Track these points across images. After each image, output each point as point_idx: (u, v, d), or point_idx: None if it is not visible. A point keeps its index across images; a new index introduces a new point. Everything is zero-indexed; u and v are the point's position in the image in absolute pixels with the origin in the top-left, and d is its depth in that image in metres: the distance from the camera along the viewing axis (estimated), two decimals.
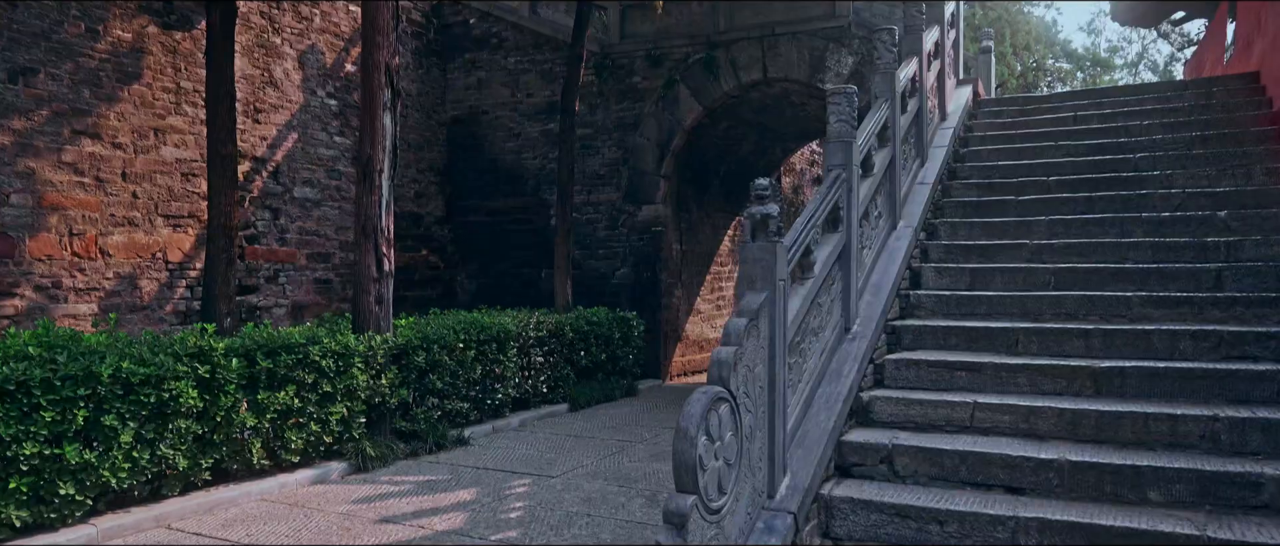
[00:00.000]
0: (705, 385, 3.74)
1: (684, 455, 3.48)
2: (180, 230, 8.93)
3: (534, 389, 8.95)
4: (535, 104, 12.62)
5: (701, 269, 13.24)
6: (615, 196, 12.08)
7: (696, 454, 3.48)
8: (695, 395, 3.61)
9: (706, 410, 3.56)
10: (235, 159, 6.17)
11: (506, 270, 12.71)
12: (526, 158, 12.66)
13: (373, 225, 7.10)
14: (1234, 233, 6.23)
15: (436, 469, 6.76)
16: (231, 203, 6.22)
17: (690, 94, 11.61)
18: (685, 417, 3.53)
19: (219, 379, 5.58)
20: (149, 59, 8.70)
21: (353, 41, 11.25)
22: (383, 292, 7.14)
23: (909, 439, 4.79)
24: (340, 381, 6.47)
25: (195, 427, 5.43)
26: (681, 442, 3.49)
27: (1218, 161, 7.22)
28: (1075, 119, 8.83)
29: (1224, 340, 5.03)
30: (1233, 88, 8.59)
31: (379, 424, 7.02)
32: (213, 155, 6.17)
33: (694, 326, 13.03)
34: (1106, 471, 4.25)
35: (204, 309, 6.41)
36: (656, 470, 6.72)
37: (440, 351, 7.46)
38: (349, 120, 11.11)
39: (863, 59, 10.64)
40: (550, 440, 7.86)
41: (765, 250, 4.21)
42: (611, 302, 11.87)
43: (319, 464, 6.47)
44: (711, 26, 11.53)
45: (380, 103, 7.15)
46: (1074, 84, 26.14)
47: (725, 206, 13.94)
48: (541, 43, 12.60)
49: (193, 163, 9.03)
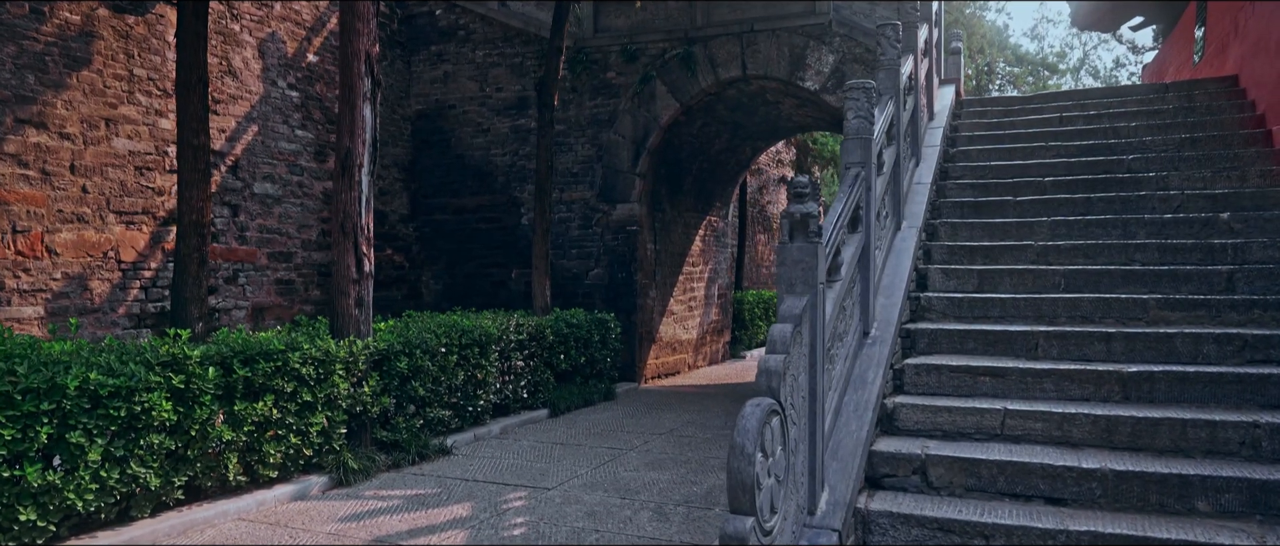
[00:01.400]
0: (757, 397, 3.48)
1: (741, 474, 3.22)
2: (134, 227, 8.34)
3: (514, 394, 8.60)
4: (504, 99, 12.22)
5: (674, 269, 13.00)
6: (589, 195, 11.76)
7: (754, 472, 3.22)
8: (748, 409, 3.34)
9: (762, 424, 3.30)
10: (207, 151, 5.70)
11: (475, 270, 12.29)
12: (495, 154, 12.25)
13: (352, 223, 6.68)
14: (1238, 235, 6.21)
15: (423, 481, 6.37)
16: (203, 198, 5.75)
17: (667, 90, 11.36)
18: (741, 433, 3.27)
19: (194, 389, 5.13)
20: (99, 44, 8.10)
21: (315, 30, 10.72)
22: (363, 295, 6.72)
23: (941, 448, 4.60)
24: (320, 390, 6.05)
25: (168, 442, 4.98)
26: (738, 461, 3.23)
27: (1210, 163, 7.23)
28: (1062, 120, 8.81)
29: (1248, 343, 4.96)
30: (1213, 91, 8.66)
31: (359, 434, 6.61)
32: (183, 146, 5.69)
33: (667, 328, 12.78)
34: (1152, 481, 4.11)
35: (173, 312, 5.93)
36: (655, 479, 6.44)
37: (423, 356, 7.07)
38: (310, 113, 10.60)
39: (844, 57, 10.52)
40: (536, 448, 7.53)
41: (806, 251, 3.97)
42: (584, 304, 11.56)
43: (298, 478, 6.04)
44: (688, 22, 11.29)
45: (360, 93, 6.74)
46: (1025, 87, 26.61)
47: (696, 206, 13.72)
48: (511, 36, 12.21)
49: (147, 155, 8.45)
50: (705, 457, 7.19)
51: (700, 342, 14.20)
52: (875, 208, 5.38)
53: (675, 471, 6.71)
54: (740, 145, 14.10)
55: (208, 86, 5.88)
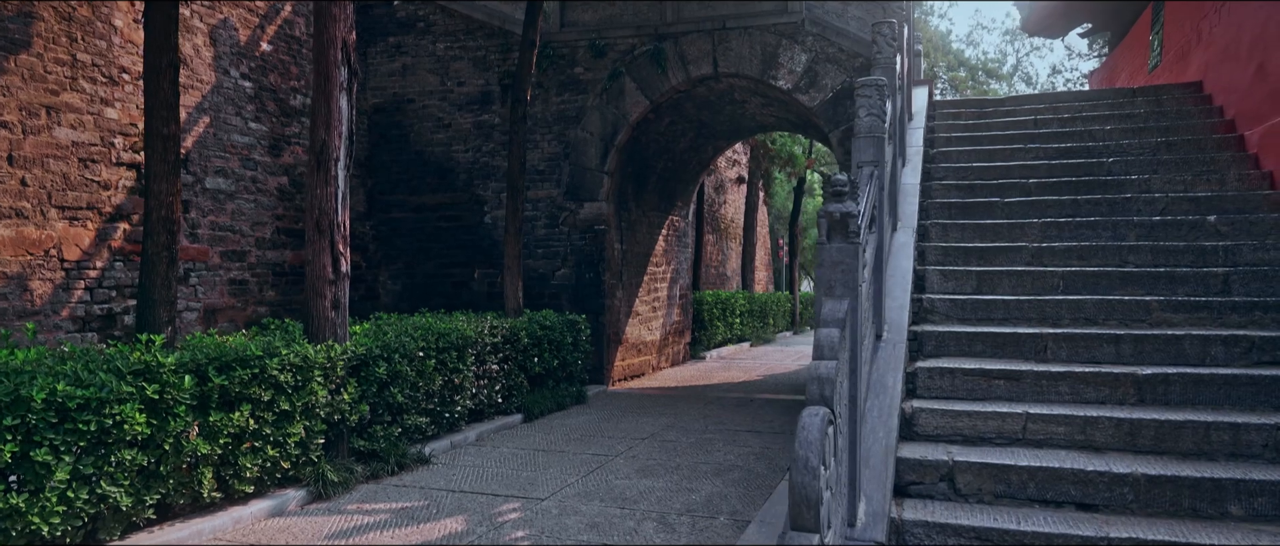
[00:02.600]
0: (810, 405, 3.30)
1: (807, 489, 3.03)
2: (78, 224, 7.76)
3: (489, 399, 8.28)
4: (467, 93, 11.85)
5: (640, 270, 12.80)
6: (555, 193, 11.47)
7: (819, 487, 3.04)
8: (808, 419, 3.16)
9: (823, 434, 3.12)
10: (178, 141, 5.26)
11: (435, 270, 11.88)
12: (457, 150, 11.86)
13: (328, 220, 6.31)
14: (1226, 237, 6.29)
15: (406, 493, 6.03)
16: (173, 191, 5.31)
17: (636, 87, 11.14)
18: (804, 444, 3.08)
19: (167, 400, 4.72)
20: (40, 26, 7.51)
21: (268, 18, 10.20)
22: (340, 297, 6.35)
23: (966, 454, 4.50)
24: (298, 398, 5.66)
25: (140, 458, 4.56)
26: (803, 475, 3.04)
27: (1188, 167, 7.34)
28: (1036, 122, 8.89)
29: (1255, 345, 4.99)
30: (1179, 96, 8.84)
31: (336, 444, 6.23)
32: (152, 136, 5.24)
33: (633, 329, 12.57)
34: (1184, 485, 4.07)
35: (139, 315, 5.46)
36: (650, 488, 6.23)
37: (402, 361, 6.72)
38: (264, 104, 10.08)
39: (816, 56, 10.46)
40: (517, 456, 7.24)
41: (846, 253, 3.82)
42: (551, 304, 11.28)
43: (274, 492, 5.65)
44: (658, 18, 11.10)
45: (336, 83, 6.37)
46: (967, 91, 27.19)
47: (659, 205, 13.55)
48: (474, 28, 11.84)
49: (92, 146, 7.88)
50: (695, 463, 7.00)
51: (663, 344, 14.03)
52: (887, 206, 5.27)
53: (669, 478, 6.51)
54: (704, 144, 13.98)
55: (179, 71, 5.44)
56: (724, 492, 6.12)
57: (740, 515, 5.58)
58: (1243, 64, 7.75)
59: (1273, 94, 7.06)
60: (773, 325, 22.40)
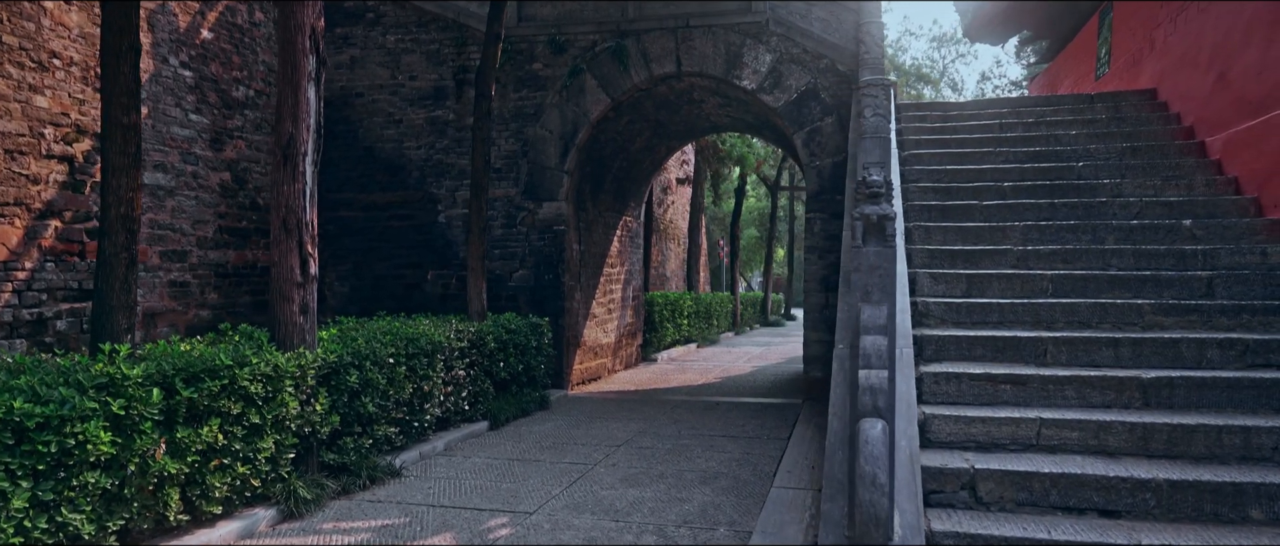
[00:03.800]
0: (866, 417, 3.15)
1: (875, 507, 2.87)
2: (4, 221, 7.12)
3: (455, 406, 7.93)
4: (419, 88, 11.41)
5: (596, 271, 12.55)
6: (513, 192, 11.14)
7: (887, 505, 2.88)
8: (870, 431, 3.00)
9: (887, 448, 2.97)
10: (139, 131, 4.78)
11: (386, 272, 11.41)
12: (409, 147, 11.42)
13: (296, 218, 5.89)
14: (1202, 241, 6.42)
15: (384, 509, 5.68)
16: (134, 186, 4.83)
17: (598, 85, 10.90)
18: (870, 459, 2.92)
19: (133, 416, 4.29)
20: None
21: (210, 4, 9.61)
22: (308, 300, 5.95)
23: (984, 461, 4.42)
24: (269, 411, 5.26)
25: (104, 481, 4.13)
26: (870, 492, 2.88)
27: (1156, 172, 7.50)
28: (1001, 126, 8.99)
29: (1250, 348, 5.07)
30: (1135, 103, 9.05)
31: (305, 458, 5.83)
32: (111, 125, 4.75)
33: (590, 331, 12.32)
34: (1205, 490, 4.07)
35: (95, 323, 4.96)
36: (639, 498, 6.01)
37: (373, 369, 6.35)
38: (206, 95, 9.49)
39: (781, 57, 10.40)
40: (492, 466, 6.92)
41: (884, 257, 3.68)
42: (509, 307, 10.94)
43: (243, 512, 5.23)
44: (619, 15, 10.88)
45: (304, 72, 5.95)
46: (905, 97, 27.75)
47: (614, 205, 13.33)
48: (427, 21, 11.42)
49: (20, 137, 7.24)
50: (679, 471, 6.81)
51: (618, 346, 13.82)
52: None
53: (656, 488, 6.30)
54: (658, 144, 13.82)
55: (140, 55, 4.96)
56: (717, 502, 5.94)
57: (738, 525, 5.41)
58: (1202, 73, 7.96)
59: (1235, 102, 7.26)
60: (717, 326, 22.40)
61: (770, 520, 5.49)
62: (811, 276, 10.38)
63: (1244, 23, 7.12)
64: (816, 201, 10.33)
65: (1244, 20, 7.12)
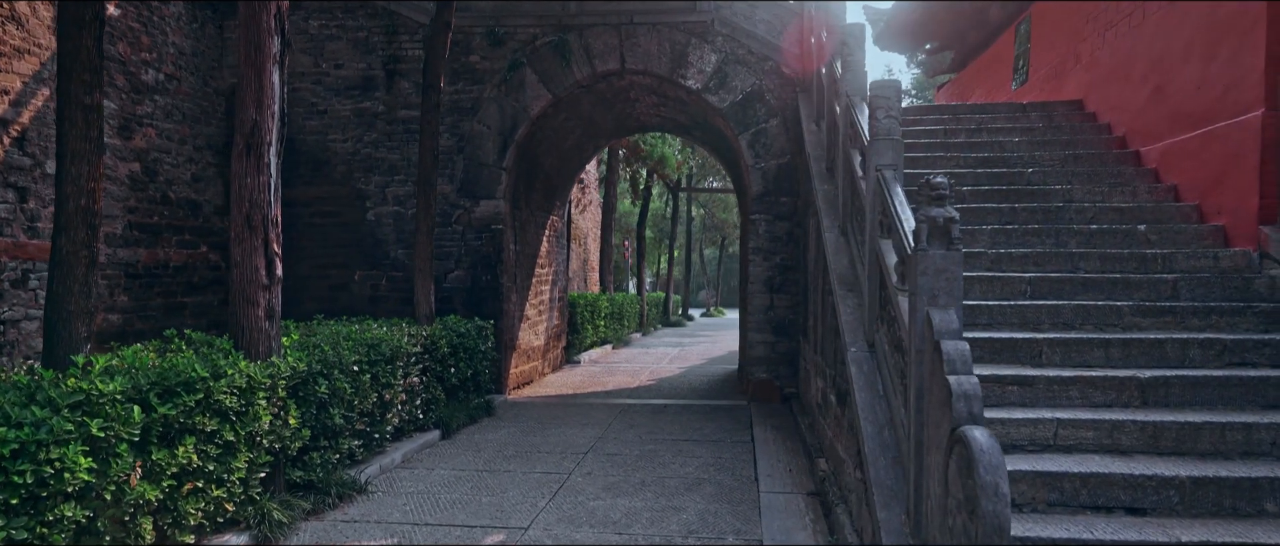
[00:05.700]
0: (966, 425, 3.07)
1: (999, 518, 2.79)
2: None
3: (410, 415, 7.48)
4: (346, 77, 10.77)
5: (529, 272, 12.20)
6: (448, 189, 10.66)
7: (1009, 514, 2.80)
8: (984, 442, 2.92)
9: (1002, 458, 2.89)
10: (101, 112, 4.16)
11: (310, 272, 10.71)
12: (334, 140, 10.75)
13: (261, 214, 5.39)
14: (1158, 245, 6.73)
15: (365, 531, 5.24)
16: (96, 175, 4.21)
17: (538, 80, 10.57)
18: (990, 469, 2.84)
19: (110, 437, 3.76)
20: None
21: None
22: (274, 304, 5.44)
23: (1011, 462, 4.44)
24: (243, 426, 4.76)
25: (80, 513, 3.59)
26: (994, 502, 2.80)
27: (1100, 179, 7.84)
28: (947, 132, 9.23)
29: (1228, 347, 5.32)
30: (1065, 113, 9.48)
31: (273, 477, 5.32)
32: (70, 104, 4.10)
33: (524, 334, 11.95)
34: (1225, 485, 4.21)
35: (49, 331, 4.32)
36: (631, 508, 5.79)
37: (342, 377, 5.88)
38: (113, 77, 8.63)
39: (726, 57, 10.37)
40: (460, 478, 6.55)
41: (950, 260, 3.63)
42: (444, 309, 10.46)
43: (214, 539, 4.71)
44: (561, 9, 10.59)
45: (269, 54, 5.45)
46: None
47: (544, 204, 13.00)
48: (353, 7, 10.79)
49: None
50: (660, 478, 6.63)
51: (546, 349, 13.48)
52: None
53: (643, 497, 6.09)
54: (587, 142, 13.60)
55: (104, 26, 4.35)
56: (712, 509, 5.80)
57: (745, 534, 5.29)
58: (1135, 86, 8.40)
59: (1172, 115, 7.68)
60: (627, 326, 22.31)
61: (774, 526, 5.39)
62: (756, 278, 10.39)
63: (1183, 41, 7.54)
64: (761, 203, 10.35)
65: (1183, 38, 7.54)
